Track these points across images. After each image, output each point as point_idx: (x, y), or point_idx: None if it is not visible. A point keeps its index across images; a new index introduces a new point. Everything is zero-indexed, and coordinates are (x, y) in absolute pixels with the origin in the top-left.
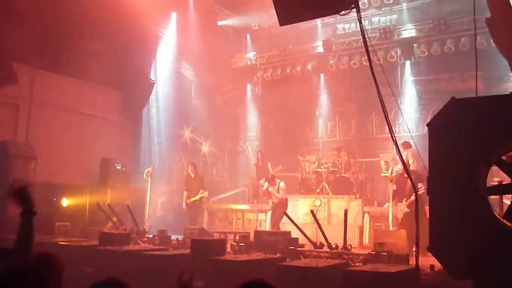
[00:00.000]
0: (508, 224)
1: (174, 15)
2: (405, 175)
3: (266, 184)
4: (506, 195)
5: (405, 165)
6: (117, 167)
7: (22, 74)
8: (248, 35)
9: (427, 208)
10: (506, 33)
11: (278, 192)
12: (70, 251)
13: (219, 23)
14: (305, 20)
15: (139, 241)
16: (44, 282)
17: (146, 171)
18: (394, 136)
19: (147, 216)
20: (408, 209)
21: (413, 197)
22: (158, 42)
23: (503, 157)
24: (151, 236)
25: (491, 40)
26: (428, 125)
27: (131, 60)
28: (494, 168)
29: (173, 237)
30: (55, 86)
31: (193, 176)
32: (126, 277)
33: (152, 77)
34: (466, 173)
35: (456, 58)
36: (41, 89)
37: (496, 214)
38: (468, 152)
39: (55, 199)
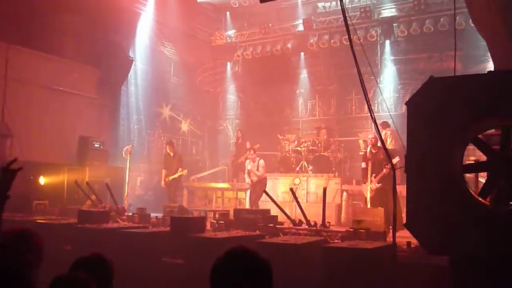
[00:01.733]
0: (483, 201)
1: None
2: (374, 150)
3: (247, 162)
4: (482, 173)
5: (383, 143)
6: (96, 145)
7: None
8: (228, 13)
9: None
10: (485, 13)
11: (257, 170)
12: (49, 229)
13: (199, 0)
14: None
15: (118, 219)
16: (22, 257)
17: (125, 149)
18: (374, 115)
19: (126, 194)
20: (379, 185)
21: (384, 171)
22: (136, 18)
23: (480, 136)
24: (130, 214)
25: (470, 20)
26: (406, 103)
27: (108, 37)
28: (471, 147)
29: (153, 215)
30: (31, 62)
31: (172, 154)
32: (106, 255)
33: (130, 54)
34: (442, 151)
35: (435, 37)
36: (16, 65)
37: (472, 192)
38: (445, 130)
39: (32, 177)
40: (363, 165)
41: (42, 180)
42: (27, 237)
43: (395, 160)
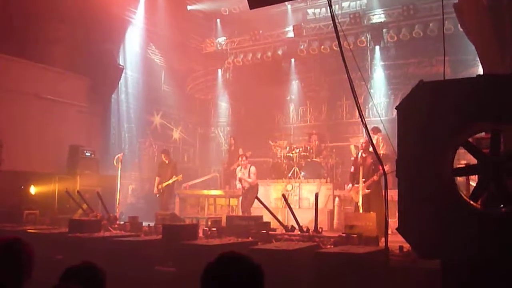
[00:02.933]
0: (474, 204)
1: None
2: (364, 155)
3: (238, 169)
4: (472, 177)
5: (374, 148)
6: (86, 154)
7: None
8: (218, 20)
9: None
10: (474, 17)
11: (249, 176)
12: (40, 239)
13: (189, 7)
14: (275, 4)
15: (110, 228)
16: (12, 268)
17: (116, 157)
18: (364, 120)
19: (117, 203)
20: (368, 190)
21: (374, 178)
22: (126, 26)
23: (470, 140)
24: (122, 222)
25: (459, 25)
26: (396, 108)
27: (98, 45)
28: (462, 150)
29: (145, 223)
30: (18, 71)
31: (167, 162)
32: (97, 264)
33: (121, 62)
34: (433, 155)
35: (424, 43)
36: (3, 74)
37: (463, 195)
38: (436, 134)
39: (22, 187)
40: (352, 169)
41: (32, 190)
42: (18, 247)
43: (386, 166)
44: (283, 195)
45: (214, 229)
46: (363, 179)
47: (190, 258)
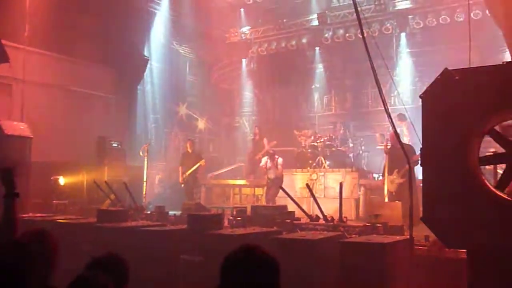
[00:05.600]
0: (500, 193)
1: None
2: (391, 144)
3: (264, 159)
4: (500, 165)
5: (398, 136)
6: (113, 145)
7: (14, 52)
8: (242, 10)
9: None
10: (501, 1)
11: (276, 167)
12: (68, 229)
13: None
14: None
15: (137, 218)
16: (34, 257)
17: (142, 148)
18: (388, 109)
19: (144, 193)
20: (403, 180)
21: (407, 167)
22: (151, 18)
23: (497, 127)
24: (148, 212)
25: (487, 11)
26: (421, 96)
27: (123, 37)
28: (489, 138)
29: (171, 213)
30: (47, 64)
31: (190, 151)
32: (124, 253)
33: (146, 53)
34: (458, 144)
35: (451, 29)
36: (33, 67)
37: (489, 184)
38: (461, 122)
39: (52, 178)
40: (385, 159)
41: (62, 180)
42: (42, 237)
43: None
44: (307, 185)
45: (239, 218)
46: (396, 169)
47: (215, 247)
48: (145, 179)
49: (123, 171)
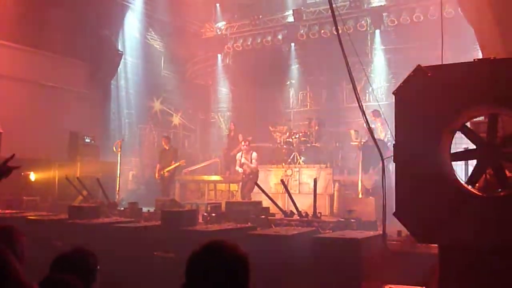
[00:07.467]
0: (471, 189)
1: None
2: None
3: (239, 154)
4: (471, 161)
5: (371, 133)
6: (86, 140)
7: None
8: (217, 4)
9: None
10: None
11: (251, 162)
12: (39, 226)
13: None
14: None
15: (109, 214)
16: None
17: (115, 143)
18: (362, 106)
19: (118, 189)
20: (379, 176)
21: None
22: (124, 12)
23: (468, 124)
24: (122, 209)
25: (459, 9)
26: (394, 93)
27: (97, 31)
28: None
29: (145, 209)
30: (17, 58)
31: (167, 148)
32: (96, 250)
33: (120, 48)
34: (430, 140)
35: (425, 26)
36: (4, 61)
37: (460, 179)
38: (433, 119)
39: (22, 174)
40: (360, 156)
41: (32, 176)
42: (8, 234)
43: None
44: (282, 180)
45: (214, 214)
46: (372, 166)
47: (189, 244)
48: (118, 175)
49: (96, 167)
